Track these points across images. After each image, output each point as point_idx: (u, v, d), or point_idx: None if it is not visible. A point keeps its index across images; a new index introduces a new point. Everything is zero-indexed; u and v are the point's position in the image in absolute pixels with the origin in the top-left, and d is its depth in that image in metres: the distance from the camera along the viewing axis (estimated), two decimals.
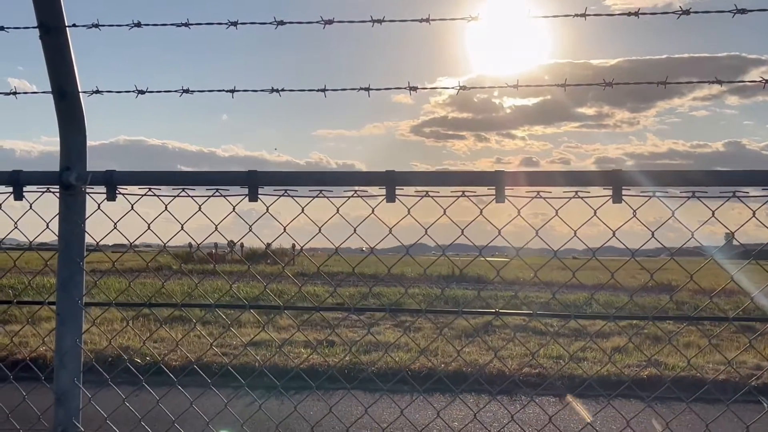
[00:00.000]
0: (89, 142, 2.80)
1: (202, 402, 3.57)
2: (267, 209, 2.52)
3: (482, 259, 2.64)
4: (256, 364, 10.08)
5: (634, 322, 14.02)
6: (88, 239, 2.77)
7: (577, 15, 2.23)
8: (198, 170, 2.57)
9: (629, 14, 2.25)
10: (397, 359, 10.65)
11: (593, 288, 18.68)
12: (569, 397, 8.74)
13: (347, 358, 10.57)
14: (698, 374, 9.67)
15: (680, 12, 2.20)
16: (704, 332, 12.55)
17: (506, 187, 2.41)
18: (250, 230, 2.54)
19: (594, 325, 13.70)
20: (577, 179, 2.38)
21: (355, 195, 2.49)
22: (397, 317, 14.44)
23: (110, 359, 10.17)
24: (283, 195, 2.51)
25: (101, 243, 2.99)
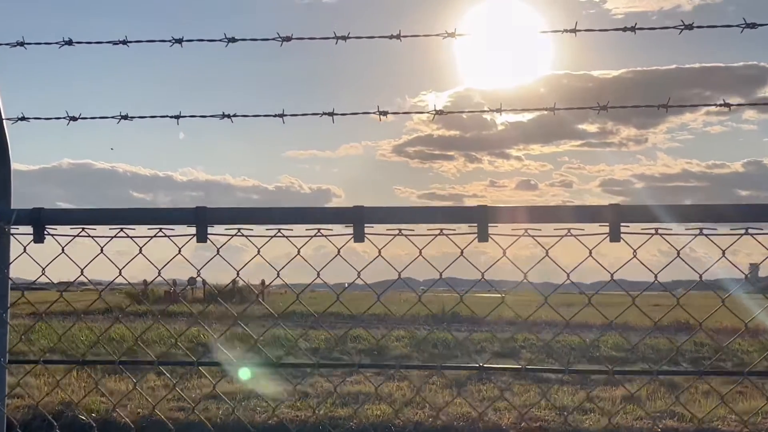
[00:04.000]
0: (29, 167, 2.79)
1: None
2: (218, 251, 2.50)
3: (475, 294, 2.62)
4: (218, 419, 9.99)
5: (646, 366, 14.03)
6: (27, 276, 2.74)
7: (566, 30, 2.24)
8: (138, 207, 2.55)
9: (625, 29, 2.26)
10: (378, 412, 10.58)
11: (600, 328, 18.69)
12: None
13: (321, 412, 10.49)
14: (720, 426, 9.67)
15: (682, 26, 2.21)
16: (725, 379, 12.54)
17: (490, 224, 2.40)
18: (199, 275, 2.52)
19: (601, 370, 13.67)
20: (569, 215, 2.38)
21: (319, 234, 2.47)
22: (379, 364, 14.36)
23: (50, 416, 10.02)
24: (236, 235, 2.49)
25: (41, 280, 2.96)
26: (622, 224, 2.35)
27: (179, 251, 2.52)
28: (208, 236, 2.48)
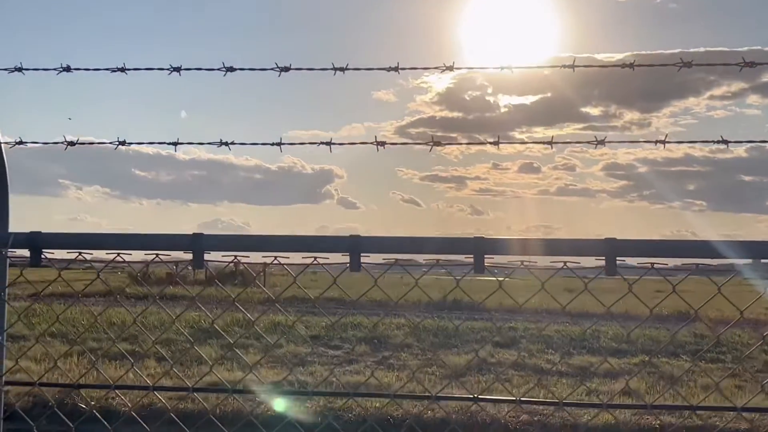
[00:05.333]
0: (30, 144, 2.80)
1: None
2: (215, 278, 2.50)
3: (476, 278, 2.59)
4: (217, 410, 10.03)
5: (647, 358, 14.07)
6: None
7: (564, 66, 2.24)
8: (135, 233, 2.55)
9: (623, 65, 2.25)
10: (377, 404, 10.61)
11: (602, 318, 18.73)
12: None
13: (321, 402, 10.52)
14: (718, 423, 9.68)
15: (681, 64, 2.20)
16: (724, 373, 12.58)
17: (486, 256, 2.41)
18: (194, 302, 2.53)
19: (601, 362, 13.73)
20: (566, 249, 2.38)
21: (315, 263, 2.48)
22: (380, 353, 14.43)
23: (49, 403, 10.07)
24: (232, 262, 2.50)
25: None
26: (618, 258, 2.35)
27: (176, 276, 2.52)
28: (205, 262, 2.49)
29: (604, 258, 2.36)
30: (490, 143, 2.47)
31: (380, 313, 19.05)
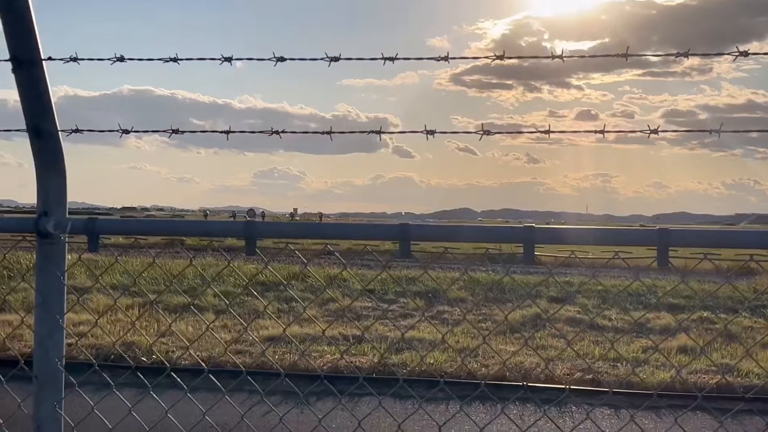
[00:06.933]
0: (90, 93, 2.85)
1: (214, 410, 3.57)
2: (266, 265, 2.53)
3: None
4: (275, 366, 10.21)
5: (705, 314, 13.90)
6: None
7: (619, 55, 2.19)
8: (189, 221, 2.59)
9: (676, 55, 2.20)
10: (432, 361, 10.71)
11: (659, 272, 18.49)
12: None
13: (376, 359, 10.67)
14: None
15: (737, 53, 2.15)
16: None
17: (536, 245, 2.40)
18: (249, 284, 2.56)
19: (659, 318, 13.62)
20: (615, 238, 2.36)
21: (366, 249, 2.50)
22: (434, 309, 14.50)
23: (112, 357, 10.39)
24: (284, 249, 2.53)
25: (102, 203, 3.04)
26: (670, 248, 2.32)
27: (228, 264, 2.57)
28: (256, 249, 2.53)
29: (656, 248, 2.33)
30: (542, 132, 2.43)
31: (434, 267, 19.10)
